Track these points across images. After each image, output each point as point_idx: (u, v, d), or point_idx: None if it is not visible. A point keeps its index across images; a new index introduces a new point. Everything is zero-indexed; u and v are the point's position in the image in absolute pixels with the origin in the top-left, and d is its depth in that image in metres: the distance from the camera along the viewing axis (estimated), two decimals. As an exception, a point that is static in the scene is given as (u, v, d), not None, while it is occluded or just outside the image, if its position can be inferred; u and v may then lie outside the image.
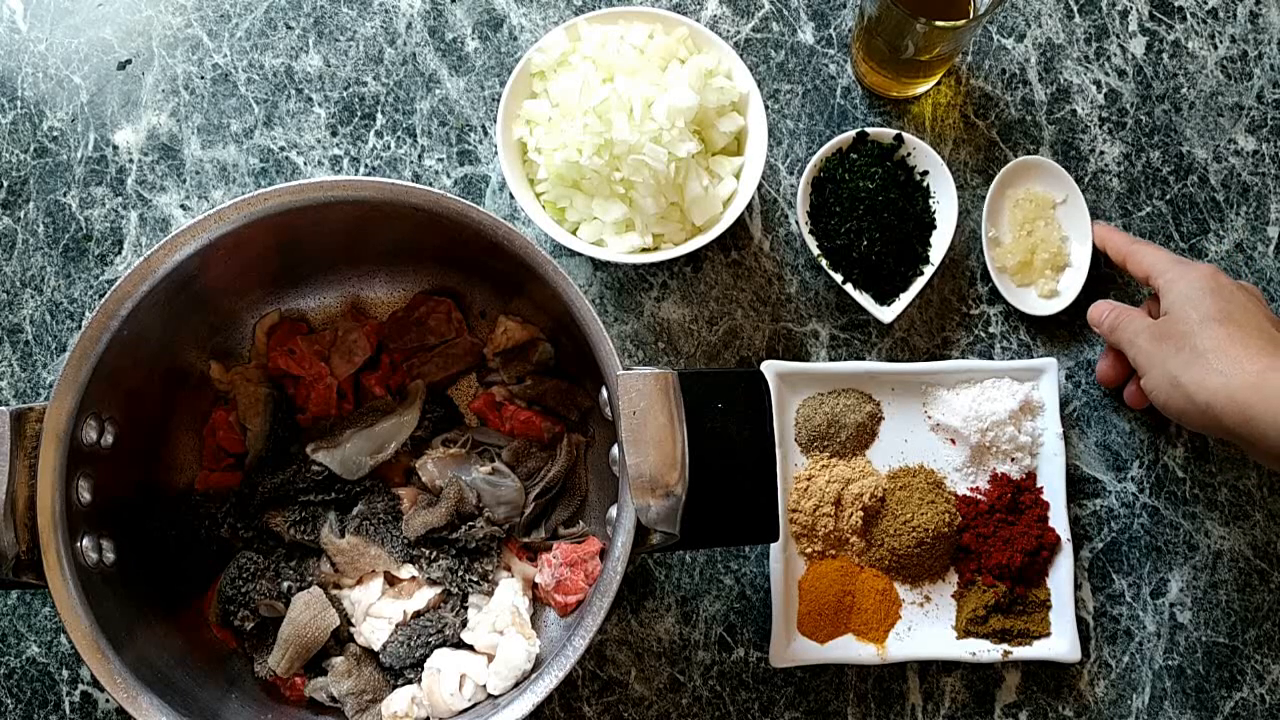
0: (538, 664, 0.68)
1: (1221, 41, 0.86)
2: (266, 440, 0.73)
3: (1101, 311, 0.75)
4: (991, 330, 0.82)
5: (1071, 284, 0.80)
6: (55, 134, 0.84)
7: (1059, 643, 0.76)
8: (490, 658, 0.69)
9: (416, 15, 0.85)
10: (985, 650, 0.76)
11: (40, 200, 0.83)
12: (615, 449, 0.62)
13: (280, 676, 0.69)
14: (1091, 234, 0.79)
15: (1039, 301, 0.81)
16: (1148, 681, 0.78)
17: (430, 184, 0.83)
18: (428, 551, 0.71)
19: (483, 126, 0.84)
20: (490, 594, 0.71)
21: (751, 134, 0.75)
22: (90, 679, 0.77)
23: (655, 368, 0.64)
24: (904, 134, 0.80)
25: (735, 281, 0.82)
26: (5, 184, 0.83)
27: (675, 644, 0.78)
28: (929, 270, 0.79)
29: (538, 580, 0.72)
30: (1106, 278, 0.82)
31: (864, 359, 0.81)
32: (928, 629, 0.77)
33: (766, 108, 0.78)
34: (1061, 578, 0.76)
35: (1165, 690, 0.78)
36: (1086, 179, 0.83)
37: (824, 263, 0.79)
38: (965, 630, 0.76)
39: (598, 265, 0.82)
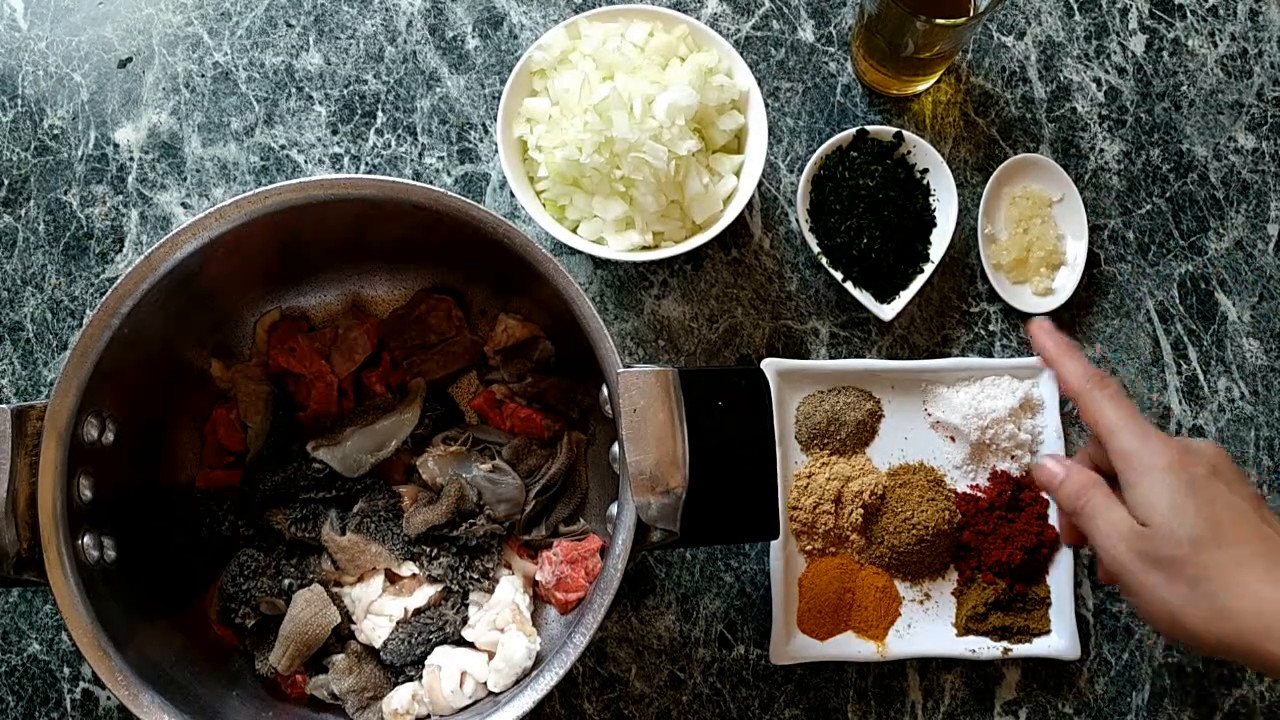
0: (538, 661, 0.68)
1: (1221, 39, 0.86)
2: (267, 438, 0.73)
3: (1054, 476, 0.63)
4: (991, 328, 0.82)
5: (1067, 282, 0.81)
6: (56, 132, 0.84)
7: (1059, 640, 0.76)
8: (491, 655, 0.69)
9: (417, 13, 0.85)
10: (985, 647, 0.76)
11: (41, 198, 0.83)
12: (616, 447, 0.62)
13: (281, 674, 0.69)
14: (1037, 342, 0.68)
15: (1034, 299, 0.81)
16: (1147, 679, 0.78)
17: (431, 182, 0.83)
18: (428, 549, 0.71)
19: (483, 124, 0.84)
20: (491, 591, 0.71)
21: (752, 132, 0.75)
22: (91, 676, 0.77)
23: (655, 365, 0.64)
24: (904, 132, 0.80)
25: (735, 279, 0.82)
26: (6, 182, 0.83)
27: (675, 641, 0.78)
28: (929, 268, 0.79)
29: (538, 578, 0.72)
30: (1105, 277, 0.82)
31: (864, 357, 0.81)
32: (928, 626, 0.77)
33: (767, 105, 0.78)
34: (1061, 575, 0.76)
35: (1165, 688, 0.78)
36: (1086, 177, 0.83)
37: (824, 260, 0.79)
38: (965, 628, 0.76)
39: (598, 263, 0.82)
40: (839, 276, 0.79)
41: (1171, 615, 0.55)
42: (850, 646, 0.76)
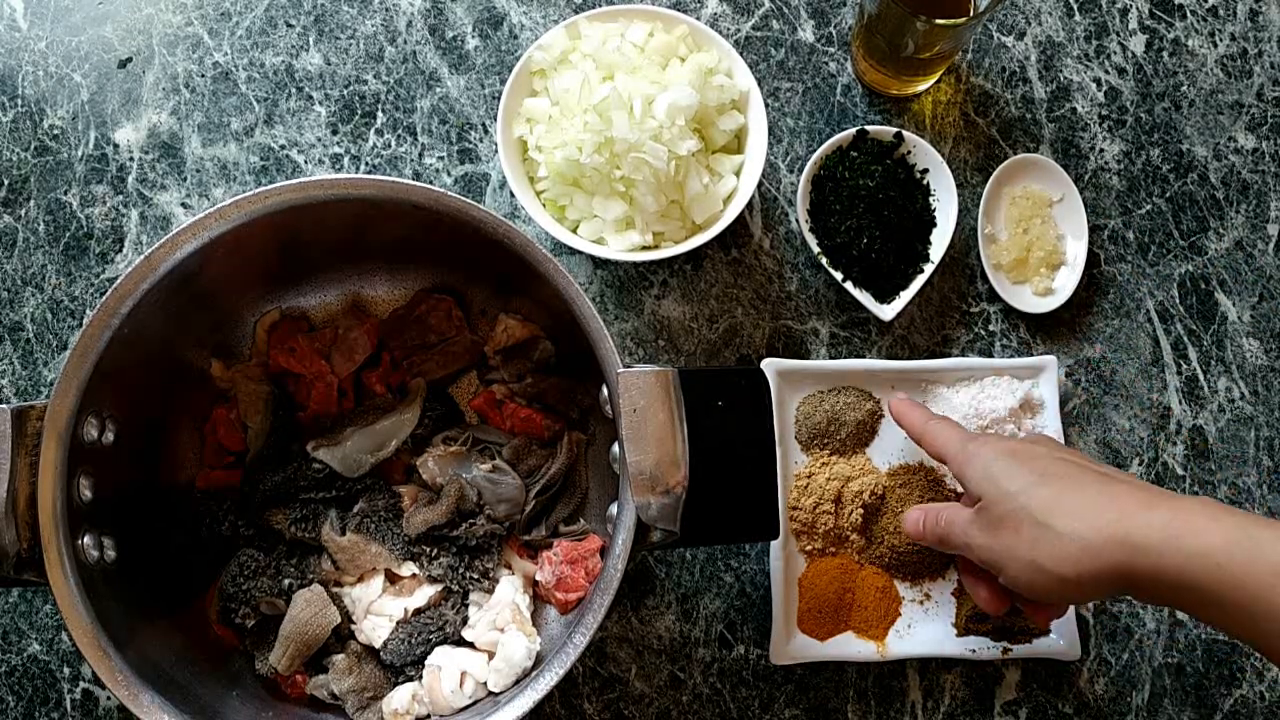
0: (538, 661, 0.68)
1: (1221, 39, 0.86)
2: (267, 438, 0.73)
3: (916, 521, 0.66)
4: (991, 328, 0.82)
5: (1067, 282, 0.81)
6: (56, 132, 0.84)
7: (1058, 640, 0.76)
8: (491, 655, 0.69)
9: (417, 13, 0.85)
10: (985, 648, 0.76)
11: (41, 198, 0.83)
12: (616, 447, 0.62)
13: (281, 674, 0.69)
14: (891, 408, 0.73)
15: (1034, 299, 0.81)
16: (1147, 679, 0.78)
17: (431, 182, 0.83)
18: (428, 549, 0.71)
19: (483, 125, 0.84)
20: (491, 591, 0.71)
21: (752, 132, 0.75)
22: (91, 676, 0.77)
23: (655, 365, 0.64)
24: (904, 132, 0.80)
25: (735, 279, 0.82)
26: (6, 182, 0.83)
27: (675, 641, 0.78)
28: (929, 268, 0.79)
29: (538, 578, 0.72)
30: (1105, 277, 0.82)
31: (864, 357, 0.81)
32: (928, 626, 0.77)
33: (767, 106, 0.78)
34: (1061, 575, 0.76)
35: (1165, 688, 0.78)
36: (1086, 177, 0.83)
37: (824, 260, 0.79)
38: (965, 628, 0.76)
39: (598, 263, 0.82)
40: (839, 276, 0.79)
41: (1029, 563, 0.56)
42: (850, 646, 0.76)
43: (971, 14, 0.73)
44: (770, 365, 0.78)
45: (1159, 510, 0.53)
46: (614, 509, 0.66)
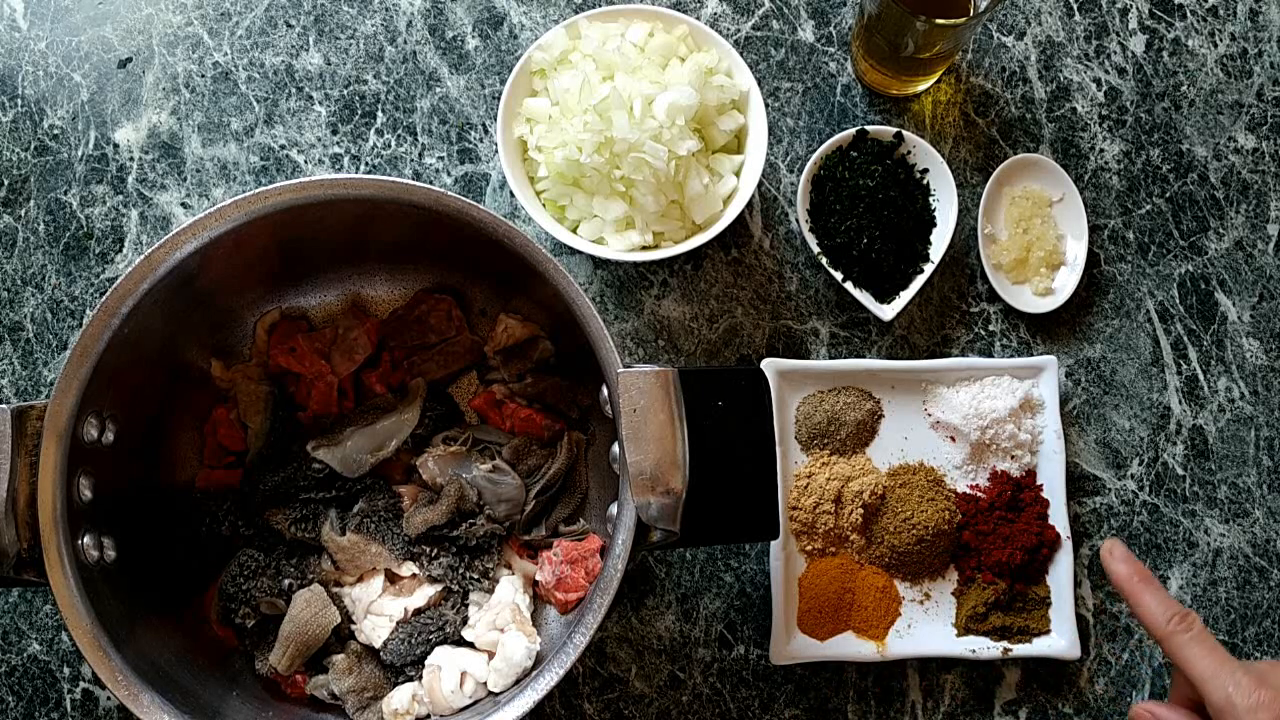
0: (538, 661, 0.68)
1: (1221, 39, 0.86)
2: (267, 438, 0.73)
3: None
4: (991, 328, 0.82)
5: (1066, 282, 0.81)
6: (56, 132, 0.84)
7: (1059, 640, 0.76)
8: (491, 655, 0.69)
9: (417, 13, 0.85)
10: (985, 647, 0.76)
11: (41, 198, 0.83)
12: (616, 447, 0.62)
13: (281, 674, 0.69)
14: (1110, 568, 0.61)
15: (1034, 299, 0.81)
16: (1147, 679, 0.78)
17: (431, 182, 0.83)
18: (428, 549, 0.71)
19: (483, 125, 0.84)
20: (491, 591, 0.72)
21: (752, 132, 0.75)
22: (91, 676, 0.77)
23: (656, 365, 0.64)
24: (904, 132, 0.80)
25: (735, 279, 0.82)
26: (6, 182, 0.83)
27: (675, 641, 0.78)
28: (929, 268, 0.79)
29: (538, 578, 0.72)
30: (1105, 277, 0.82)
31: (864, 357, 0.81)
32: (928, 626, 0.77)
33: (767, 105, 0.78)
34: (1061, 575, 0.76)
35: (1165, 688, 0.78)
36: (1086, 177, 0.83)
37: (824, 260, 0.79)
38: (965, 627, 0.76)
39: (598, 263, 0.82)
40: (839, 276, 0.79)
41: None
42: (850, 646, 0.76)
43: (971, 14, 0.73)
44: (770, 365, 0.78)
45: None
46: (614, 509, 0.66)
